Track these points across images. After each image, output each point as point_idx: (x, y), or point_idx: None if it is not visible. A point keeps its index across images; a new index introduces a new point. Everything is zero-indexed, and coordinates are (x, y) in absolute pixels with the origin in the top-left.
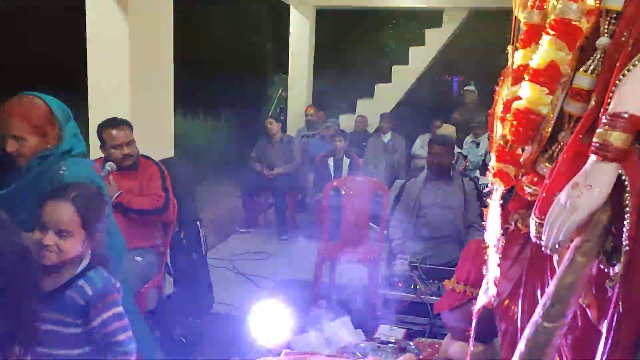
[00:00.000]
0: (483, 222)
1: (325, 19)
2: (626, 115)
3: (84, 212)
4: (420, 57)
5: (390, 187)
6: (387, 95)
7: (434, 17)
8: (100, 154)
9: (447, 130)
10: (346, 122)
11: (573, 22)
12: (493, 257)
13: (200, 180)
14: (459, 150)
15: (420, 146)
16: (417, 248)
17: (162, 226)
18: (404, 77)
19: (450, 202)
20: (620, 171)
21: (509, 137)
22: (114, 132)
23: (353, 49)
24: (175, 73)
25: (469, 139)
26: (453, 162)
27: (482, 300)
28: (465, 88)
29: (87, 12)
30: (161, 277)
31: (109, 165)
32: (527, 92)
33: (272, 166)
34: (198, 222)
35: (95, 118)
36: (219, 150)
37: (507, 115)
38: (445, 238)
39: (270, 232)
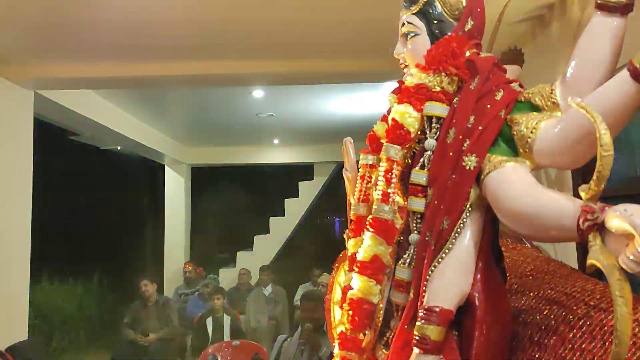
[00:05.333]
0: None
1: (200, 174)
2: (437, 309)
3: None
4: (295, 208)
5: (274, 343)
6: (266, 246)
7: (305, 171)
8: None
9: (327, 279)
10: (227, 275)
11: (388, 221)
12: None
13: (64, 355)
14: None
15: None
16: None
17: None
18: (281, 228)
19: None
20: None
21: (347, 325)
22: None
23: (230, 203)
24: (42, 237)
25: None
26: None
27: None
28: None
29: None
30: None
31: None
32: (358, 283)
33: (147, 332)
34: None
35: None
36: (89, 316)
37: (344, 305)
38: None
39: None
